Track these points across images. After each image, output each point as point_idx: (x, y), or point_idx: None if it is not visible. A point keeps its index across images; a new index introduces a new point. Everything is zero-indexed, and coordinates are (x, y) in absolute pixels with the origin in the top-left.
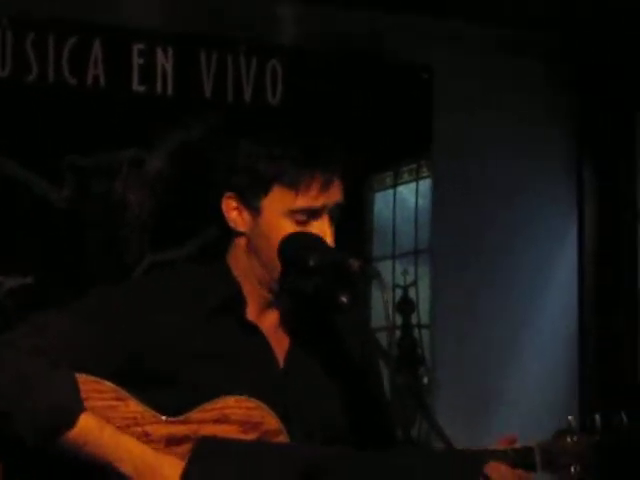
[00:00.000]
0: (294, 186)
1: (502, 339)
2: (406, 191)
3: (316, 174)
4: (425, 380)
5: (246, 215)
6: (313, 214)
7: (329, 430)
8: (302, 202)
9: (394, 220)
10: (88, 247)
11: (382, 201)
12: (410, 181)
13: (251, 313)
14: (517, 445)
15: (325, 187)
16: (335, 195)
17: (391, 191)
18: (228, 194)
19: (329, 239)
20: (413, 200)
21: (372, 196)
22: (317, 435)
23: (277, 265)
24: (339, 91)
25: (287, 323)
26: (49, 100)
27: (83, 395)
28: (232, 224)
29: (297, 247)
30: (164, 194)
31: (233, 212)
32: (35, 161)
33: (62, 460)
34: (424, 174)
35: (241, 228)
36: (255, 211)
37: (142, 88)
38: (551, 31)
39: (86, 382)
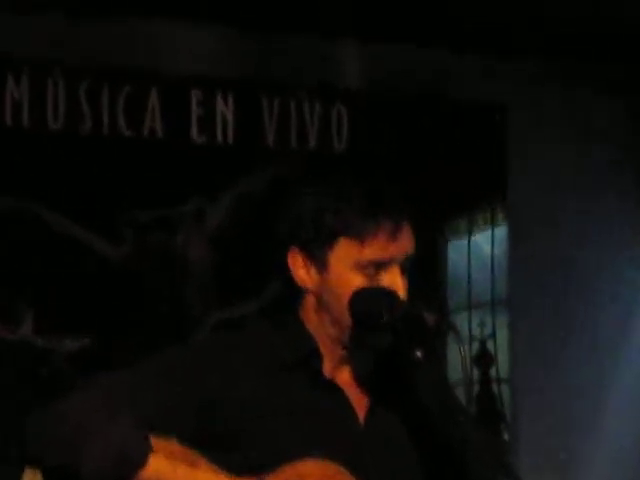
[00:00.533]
0: (359, 237)
1: (585, 393)
2: (481, 239)
3: (382, 223)
4: (506, 437)
5: (313, 271)
6: (382, 266)
7: None
8: (369, 253)
9: (469, 269)
10: (149, 306)
11: (456, 250)
12: (485, 228)
13: (326, 369)
14: None
15: (393, 236)
16: (405, 245)
17: (465, 239)
18: (293, 249)
19: (401, 292)
20: (488, 248)
21: (446, 245)
22: None
23: (348, 321)
24: (408, 135)
25: (362, 380)
26: (104, 153)
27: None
28: (299, 281)
29: (369, 302)
30: (227, 248)
31: (300, 269)
32: (91, 218)
33: None
34: (499, 221)
35: (309, 285)
36: (322, 266)
37: (202, 138)
38: (631, 64)
39: (156, 442)
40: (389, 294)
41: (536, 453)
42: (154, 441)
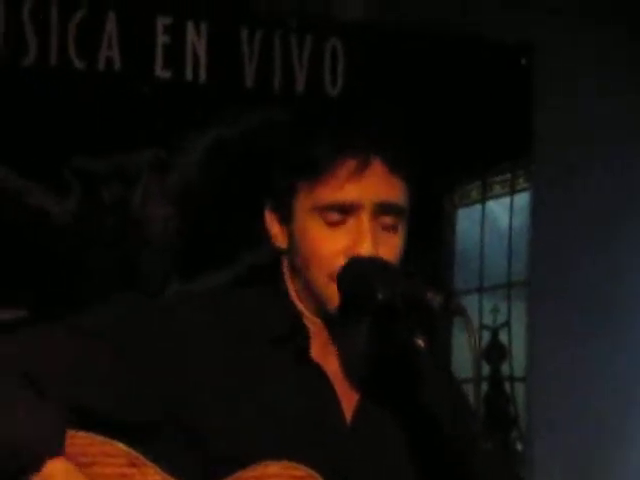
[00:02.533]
0: (316, 175)
1: (614, 395)
2: (498, 208)
3: (341, 158)
4: (519, 447)
5: (284, 228)
6: (346, 212)
7: None
8: (325, 194)
9: (482, 244)
10: (96, 273)
11: (467, 220)
12: (503, 195)
13: (315, 352)
14: None
15: (357, 173)
16: (377, 188)
17: (479, 207)
18: (268, 205)
19: (365, 247)
20: (506, 219)
21: (455, 213)
22: None
23: (321, 290)
24: (414, 78)
25: (351, 371)
26: (50, 87)
27: (89, 459)
28: (274, 240)
29: (359, 276)
30: (194, 207)
31: (275, 227)
32: (32, 165)
33: None
34: (521, 186)
35: (281, 244)
36: (288, 219)
37: (167, 74)
38: None
39: (93, 443)
40: (385, 267)
41: (554, 467)
42: (91, 440)
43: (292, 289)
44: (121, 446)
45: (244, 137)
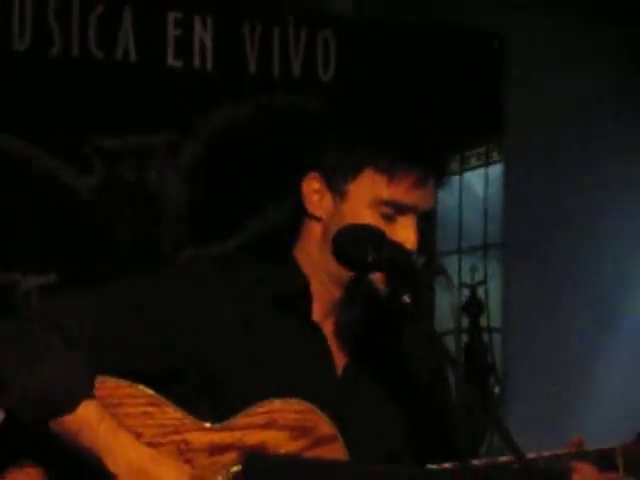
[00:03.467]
0: (389, 172)
1: (581, 341)
2: (474, 178)
3: (414, 167)
4: (496, 390)
5: (329, 199)
6: (401, 211)
7: (389, 444)
8: (393, 192)
9: (460, 210)
10: (118, 242)
11: (446, 189)
12: (478, 167)
13: (316, 314)
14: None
15: (420, 184)
16: (427, 199)
17: (457, 178)
18: (312, 174)
19: (411, 245)
20: (481, 188)
21: None
22: (375, 447)
23: None
24: (397, 65)
25: (344, 332)
26: (73, 76)
27: (116, 400)
28: (311, 208)
29: (353, 240)
30: (203, 183)
31: (314, 195)
32: (58, 144)
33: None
34: (494, 159)
35: (320, 213)
36: (340, 196)
37: (178, 63)
38: None
39: (118, 387)
40: (376, 233)
41: (528, 407)
42: (116, 384)
43: (310, 252)
44: (143, 388)
45: (247, 120)
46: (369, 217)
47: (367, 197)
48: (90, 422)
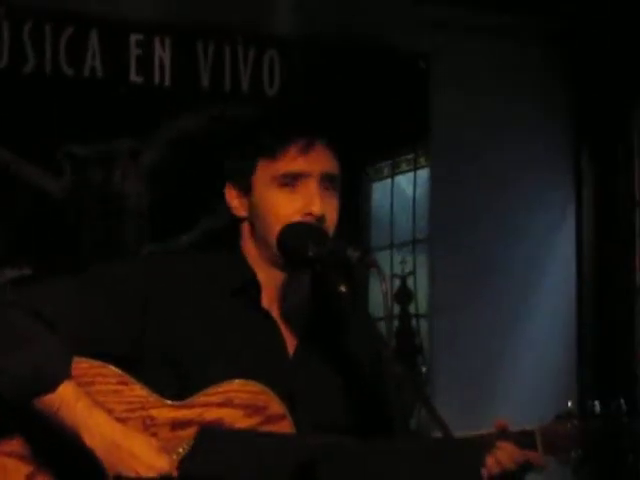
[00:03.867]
0: (272, 153)
1: (500, 327)
2: (404, 181)
3: (293, 138)
4: (423, 370)
5: (244, 200)
6: (297, 178)
7: (333, 419)
8: (281, 166)
9: (392, 210)
10: (86, 237)
11: (380, 191)
12: (408, 171)
13: (265, 301)
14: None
15: (305, 150)
16: (321, 162)
17: (389, 181)
18: (228, 184)
19: (316, 207)
20: (411, 190)
21: (370, 186)
22: (322, 423)
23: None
24: (336, 81)
25: (290, 315)
26: (46, 91)
27: (88, 379)
28: (235, 212)
29: (296, 236)
30: (161, 184)
31: (233, 201)
32: (32, 151)
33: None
34: (422, 164)
35: (242, 213)
36: (248, 191)
37: (139, 79)
38: (549, 16)
39: (91, 367)
40: (316, 230)
41: (453, 386)
42: (89, 364)
43: (249, 249)
44: (113, 368)
45: (200, 129)
46: (273, 195)
47: (266, 181)
48: (68, 400)
